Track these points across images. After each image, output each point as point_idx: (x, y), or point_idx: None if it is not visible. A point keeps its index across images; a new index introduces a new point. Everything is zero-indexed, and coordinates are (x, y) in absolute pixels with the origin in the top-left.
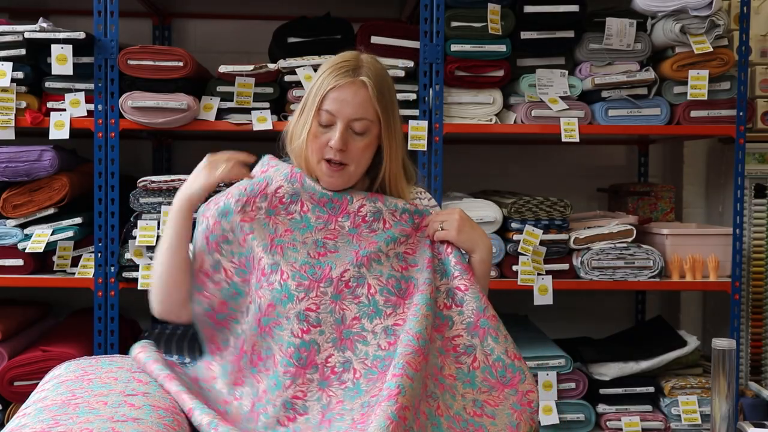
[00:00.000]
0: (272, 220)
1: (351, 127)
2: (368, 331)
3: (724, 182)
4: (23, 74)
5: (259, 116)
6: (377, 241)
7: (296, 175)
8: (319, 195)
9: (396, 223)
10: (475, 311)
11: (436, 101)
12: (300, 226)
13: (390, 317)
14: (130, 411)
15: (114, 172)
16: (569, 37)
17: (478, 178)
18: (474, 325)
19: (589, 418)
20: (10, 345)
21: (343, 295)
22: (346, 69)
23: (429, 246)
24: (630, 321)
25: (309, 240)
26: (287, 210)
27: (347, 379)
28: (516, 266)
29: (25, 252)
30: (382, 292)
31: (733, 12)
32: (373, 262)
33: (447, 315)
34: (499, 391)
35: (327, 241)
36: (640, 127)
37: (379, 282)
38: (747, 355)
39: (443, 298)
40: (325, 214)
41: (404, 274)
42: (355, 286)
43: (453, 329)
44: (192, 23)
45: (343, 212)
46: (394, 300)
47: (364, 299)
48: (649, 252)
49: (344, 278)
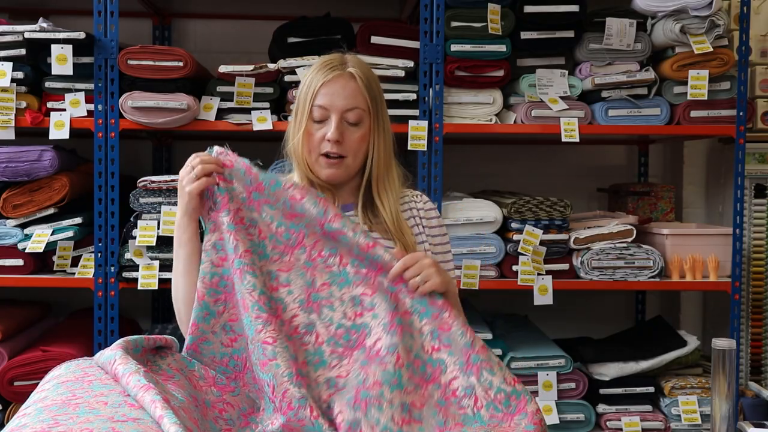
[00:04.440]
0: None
1: (345, 119)
2: (336, 298)
3: (724, 182)
4: (23, 74)
5: (259, 116)
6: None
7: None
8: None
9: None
10: (464, 348)
11: (436, 101)
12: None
13: (359, 287)
14: (130, 411)
15: (114, 172)
16: (569, 37)
17: (478, 178)
18: (467, 363)
19: (589, 418)
20: (10, 345)
21: (315, 263)
22: (334, 65)
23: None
24: (630, 321)
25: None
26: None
27: (308, 342)
28: (516, 266)
29: (25, 252)
30: (353, 263)
31: (733, 12)
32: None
33: (438, 358)
34: (509, 421)
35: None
36: (640, 127)
37: (350, 255)
38: (747, 355)
39: (429, 341)
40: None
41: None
42: (327, 255)
43: (448, 373)
44: (192, 23)
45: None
46: (365, 272)
47: (335, 269)
48: (649, 252)
49: (317, 248)
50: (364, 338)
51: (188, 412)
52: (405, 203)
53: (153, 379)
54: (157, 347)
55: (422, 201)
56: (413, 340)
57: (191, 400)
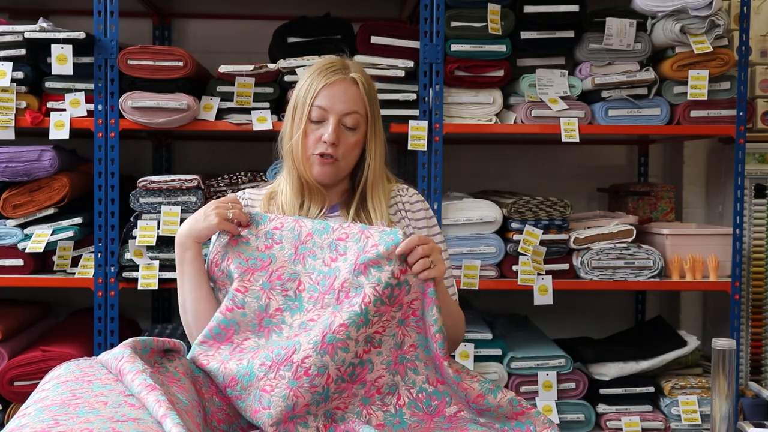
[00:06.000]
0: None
1: (343, 123)
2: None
3: (724, 182)
4: (23, 74)
5: (259, 116)
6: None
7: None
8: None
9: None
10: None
11: (436, 101)
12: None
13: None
14: (130, 411)
15: (114, 172)
16: (569, 37)
17: (478, 178)
18: (467, 402)
19: (589, 418)
20: (10, 345)
21: (272, 285)
22: (336, 68)
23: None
24: (630, 321)
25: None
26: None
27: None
28: (516, 266)
29: (25, 252)
30: (309, 290)
31: (733, 12)
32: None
33: (443, 391)
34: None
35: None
36: (640, 127)
37: (311, 280)
38: (747, 355)
39: (433, 373)
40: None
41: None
42: (286, 280)
43: (452, 405)
44: (192, 23)
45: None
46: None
47: (291, 293)
48: (649, 252)
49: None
50: (300, 360)
51: (191, 416)
52: (391, 198)
53: (159, 380)
54: (165, 350)
55: (408, 194)
56: (416, 375)
57: (194, 404)
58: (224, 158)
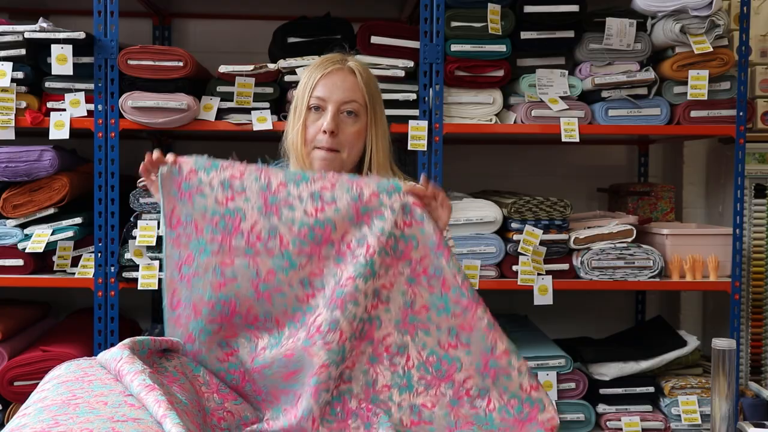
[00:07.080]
0: None
1: (342, 111)
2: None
3: (724, 182)
4: (23, 74)
5: (259, 116)
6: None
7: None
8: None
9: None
10: (483, 352)
11: (436, 101)
12: None
13: (305, 268)
14: (130, 411)
15: (114, 172)
16: (569, 37)
17: (478, 178)
18: (484, 366)
19: (589, 418)
20: (10, 345)
21: (255, 249)
22: (334, 60)
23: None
24: (630, 321)
25: None
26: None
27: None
28: (516, 266)
29: (25, 252)
30: (294, 243)
31: (733, 12)
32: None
33: (454, 356)
34: (519, 428)
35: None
36: (640, 127)
37: (291, 233)
38: (747, 355)
39: (446, 337)
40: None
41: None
42: (267, 239)
43: (462, 371)
44: (192, 23)
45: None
46: (308, 250)
47: (276, 252)
48: (649, 252)
49: (254, 232)
50: (313, 319)
51: (191, 416)
52: None
53: (158, 380)
54: (163, 350)
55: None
56: (428, 336)
57: (194, 404)
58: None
